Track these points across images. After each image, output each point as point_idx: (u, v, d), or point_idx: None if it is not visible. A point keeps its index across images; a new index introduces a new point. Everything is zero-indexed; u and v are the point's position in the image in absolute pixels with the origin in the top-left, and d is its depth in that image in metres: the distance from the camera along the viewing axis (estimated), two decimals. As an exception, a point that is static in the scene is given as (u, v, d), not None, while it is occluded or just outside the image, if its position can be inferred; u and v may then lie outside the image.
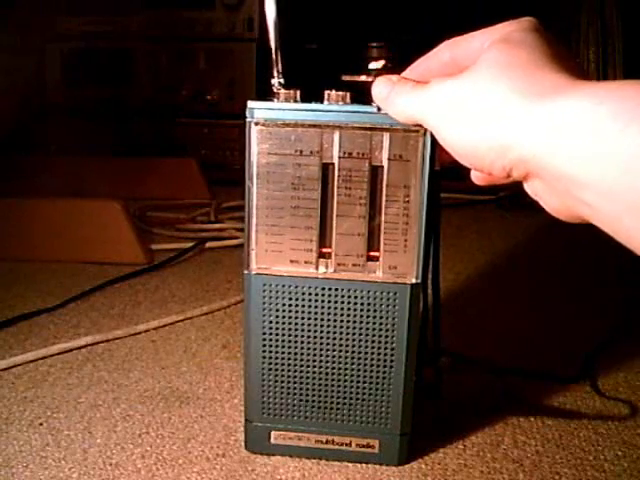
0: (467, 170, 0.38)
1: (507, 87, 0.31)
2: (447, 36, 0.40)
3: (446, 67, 0.39)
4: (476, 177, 0.39)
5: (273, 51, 0.44)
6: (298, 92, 0.43)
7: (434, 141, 0.41)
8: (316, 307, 0.45)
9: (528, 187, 0.33)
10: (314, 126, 0.42)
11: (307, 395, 0.47)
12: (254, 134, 0.42)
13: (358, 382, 0.46)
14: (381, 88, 0.40)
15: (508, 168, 0.32)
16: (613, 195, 0.27)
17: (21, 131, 1.41)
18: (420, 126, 0.39)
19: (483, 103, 0.32)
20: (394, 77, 0.39)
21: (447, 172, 0.43)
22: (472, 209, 1.31)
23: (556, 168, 0.29)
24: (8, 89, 1.33)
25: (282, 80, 0.44)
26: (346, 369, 0.46)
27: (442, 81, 0.35)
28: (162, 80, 1.54)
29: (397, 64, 0.39)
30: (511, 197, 1.31)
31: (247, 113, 0.42)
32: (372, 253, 0.44)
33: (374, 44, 1.49)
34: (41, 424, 0.53)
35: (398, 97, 0.38)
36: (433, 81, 0.36)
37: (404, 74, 0.41)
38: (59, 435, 0.51)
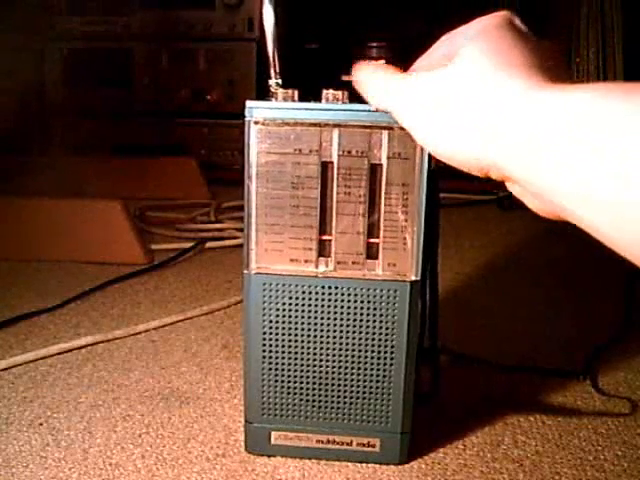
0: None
1: (485, 91, 0.30)
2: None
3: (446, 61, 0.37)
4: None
5: (270, 53, 0.44)
6: (296, 92, 0.43)
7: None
8: (316, 306, 0.45)
9: (510, 188, 0.33)
10: (313, 125, 0.42)
11: (307, 395, 0.47)
12: (253, 133, 0.42)
13: (358, 381, 0.46)
14: (363, 70, 0.38)
15: (485, 171, 0.32)
16: (596, 204, 0.25)
17: (21, 131, 1.41)
18: None
19: (462, 106, 0.31)
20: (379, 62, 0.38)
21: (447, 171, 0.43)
22: (472, 209, 1.31)
23: (531, 179, 0.28)
24: (8, 89, 1.33)
25: (279, 81, 0.44)
26: (346, 368, 0.46)
27: (425, 76, 0.33)
28: (162, 80, 1.54)
29: (397, 64, 0.39)
30: (511, 197, 1.30)
31: (246, 112, 0.42)
32: (371, 251, 0.44)
33: (374, 44, 1.49)
34: (41, 424, 0.53)
35: (377, 80, 0.37)
36: (419, 74, 0.34)
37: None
38: (59, 435, 0.51)
